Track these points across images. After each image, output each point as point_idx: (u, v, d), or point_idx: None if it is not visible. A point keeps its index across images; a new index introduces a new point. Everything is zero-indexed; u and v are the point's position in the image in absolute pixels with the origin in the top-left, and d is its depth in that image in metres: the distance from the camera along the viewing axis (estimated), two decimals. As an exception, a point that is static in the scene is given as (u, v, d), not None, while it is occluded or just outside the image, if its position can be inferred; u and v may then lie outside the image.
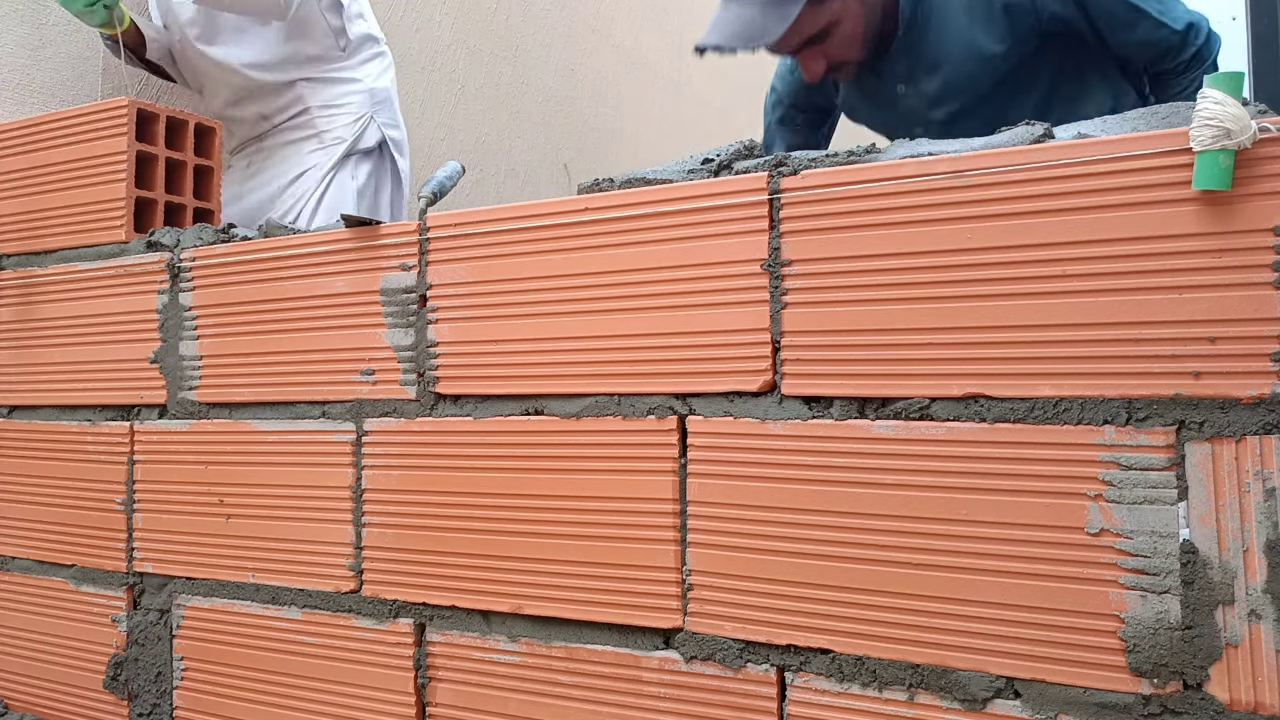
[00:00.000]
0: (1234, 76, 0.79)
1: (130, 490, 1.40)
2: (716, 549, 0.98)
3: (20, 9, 1.89)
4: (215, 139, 1.63)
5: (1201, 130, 0.79)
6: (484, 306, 1.13)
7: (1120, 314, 0.82)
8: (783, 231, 0.97)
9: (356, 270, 1.22)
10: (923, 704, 0.88)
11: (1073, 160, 0.85)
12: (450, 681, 1.13)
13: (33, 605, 1.50)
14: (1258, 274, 0.78)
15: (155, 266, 1.41)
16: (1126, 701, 0.81)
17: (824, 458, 0.93)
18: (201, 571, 1.33)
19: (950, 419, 0.89)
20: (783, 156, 0.99)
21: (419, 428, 1.16)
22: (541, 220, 1.10)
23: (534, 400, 1.10)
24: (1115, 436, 0.82)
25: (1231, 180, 0.78)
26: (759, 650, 0.96)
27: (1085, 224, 0.84)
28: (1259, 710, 0.77)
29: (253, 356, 1.30)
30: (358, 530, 1.20)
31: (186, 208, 1.57)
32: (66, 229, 1.52)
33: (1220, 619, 0.78)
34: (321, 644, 1.22)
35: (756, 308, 0.98)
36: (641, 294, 1.04)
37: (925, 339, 0.90)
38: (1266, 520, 0.77)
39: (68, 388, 1.48)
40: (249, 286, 1.31)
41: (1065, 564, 0.83)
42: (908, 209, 0.91)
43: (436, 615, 1.15)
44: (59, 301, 1.51)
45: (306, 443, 1.25)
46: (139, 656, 1.38)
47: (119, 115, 1.49)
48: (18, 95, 1.90)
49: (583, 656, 1.05)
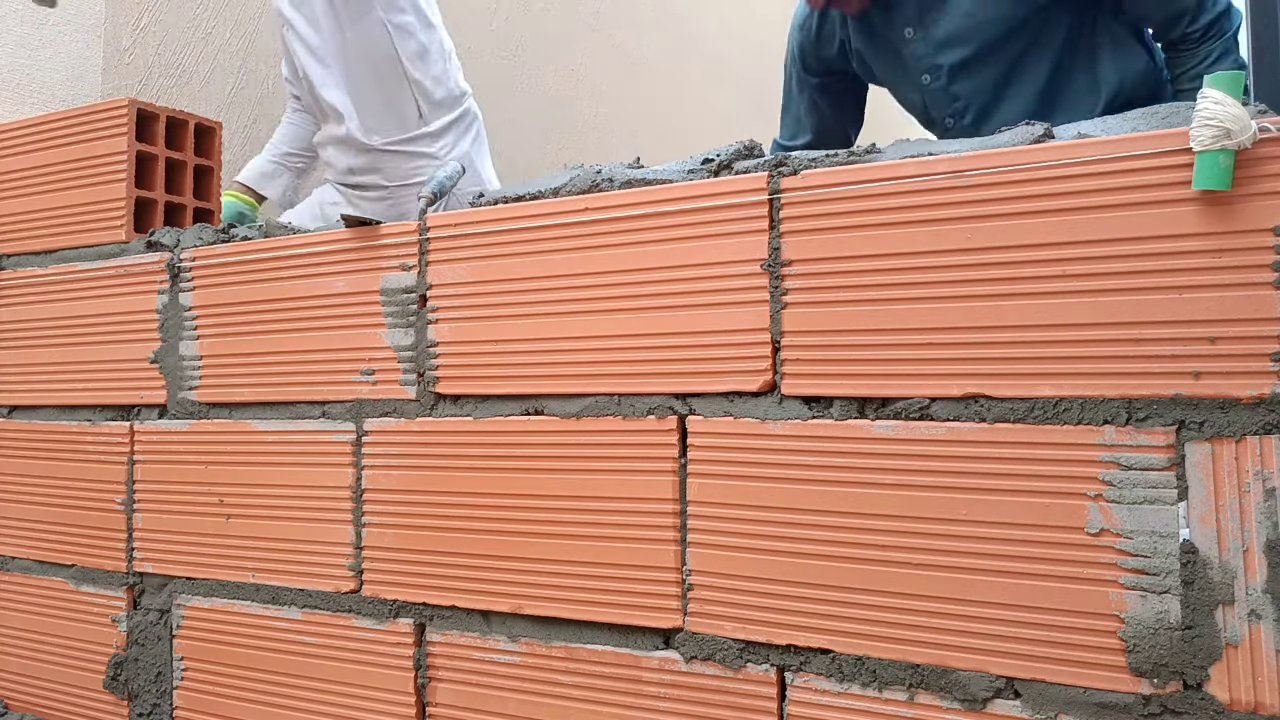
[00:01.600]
0: (1234, 76, 0.79)
1: (130, 490, 1.40)
2: (716, 549, 0.98)
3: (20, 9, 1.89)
4: (215, 139, 1.63)
5: (1201, 130, 0.79)
6: (484, 306, 1.13)
7: (1120, 314, 0.82)
8: (783, 231, 0.97)
9: (356, 270, 1.22)
10: (923, 704, 0.88)
11: (1072, 160, 0.85)
12: (450, 681, 1.13)
13: (33, 605, 1.50)
14: (1258, 274, 0.78)
15: (155, 266, 1.40)
16: (1126, 701, 0.81)
17: (824, 458, 0.93)
18: (201, 571, 1.33)
19: (950, 419, 0.89)
20: (783, 156, 0.99)
21: (419, 428, 1.16)
22: (541, 220, 1.10)
23: (534, 400, 1.10)
24: (1115, 436, 0.82)
25: (1231, 180, 0.78)
26: (759, 650, 0.96)
27: (1085, 224, 0.84)
28: (1259, 710, 0.77)
29: (253, 356, 1.30)
30: (358, 530, 1.20)
31: (186, 208, 1.57)
32: (66, 229, 1.52)
33: (1220, 619, 0.78)
34: (321, 644, 1.22)
35: (756, 308, 0.98)
36: (641, 294, 1.04)
37: (925, 339, 0.90)
38: (1266, 520, 0.77)
39: (68, 388, 1.48)
40: (249, 286, 1.31)
41: (1065, 564, 0.83)
42: (908, 209, 0.91)
43: (436, 615, 1.15)
44: (59, 301, 1.51)
45: (306, 443, 1.25)
46: (139, 656, 1.38)
47: (119, 115, 1.49)
48: (18, 95, 1.90)
49: (583, 656, 1.05)
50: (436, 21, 2.00)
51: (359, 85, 1.90)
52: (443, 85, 1.98)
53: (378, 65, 1.89)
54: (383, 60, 1.89)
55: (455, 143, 2.01)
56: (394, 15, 1.88)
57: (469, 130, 2.06)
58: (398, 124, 1.94)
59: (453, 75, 2.02)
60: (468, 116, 2.06)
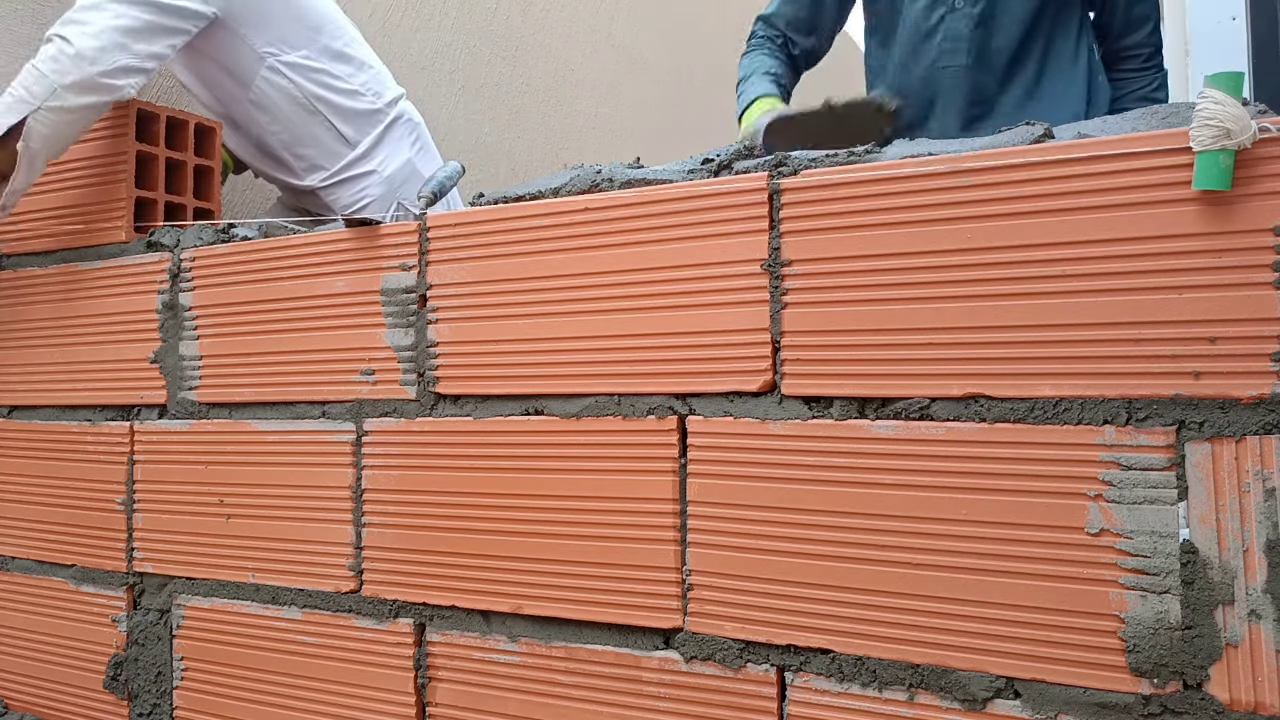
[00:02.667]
0: (1234, 76, 0.79)
1: (130, 490, 1.40)
2: (716, 549, 0.98)
3: (20, 9, 1.89)
4: (215, 139, 1.63)
5: (1201, 130, 0.79)
6: (484, 306, 1.13)
7: (1120, 314, 0.82)
8: (783, 231, 0.97)
9: (356, 270, 1.22)
10: (923, 704, 0.88)
11: (1072, 160, 0.85)
12: (450, 681, 1.13)
13: (33, 605, 1.50)
14: (1258, 274, 0.78)
15: (155, 266, 1.41)
16: (1126, 701, 0.81)
17: (824, 458, 0.93)
18: (201, 571, 1.33)
19: (950, 419, 0.89)
20: (782, 156, 0.99)
21: (419, 428, 1.16)
22: (541, 220, 1.10)
23: (534, 400, 1.10)
24: (1115, 436, 0.82)
25: (1231, 180, 0.78)
26: (759, 650, 0.96)
27: (1085, 224, 0.84)
28: (1259, 710, 0.77)
29: (253, 356, 1.30)
30: (358, 530, 1.20)
31: (186, 208, 1.57)
32: (66, 229, 1.52)
33: (1220, 619, 0.78)
34: (321, 644, 1.22)
35: (756, 308, 0.98)
36: (641, 294, 1.04)
37: (925, 339, 0.90)
38: (1266, 520, 0.77)
39: (68, 388, 1.48)
40: (249, 286, 1.31)
41: (1065, 564, 0.83)
42: (908, 209, 0.91)
43: (436, 615, 1.15)
44: (59, 301, 1.51)
45: (306, 443, 1.25)
46: (139, 656, 1.38)
47: (119, 115, 1.49)
48: (18, 95, 1.90)
49: (583, 656, 1.05)
50: (339, 46, 1.91)
51: (278, 135, 1.86)
52: (362, 99, 1.90)
53: (288, 111, 1.83)
54: (291, 105, 1.83)
55: (393, 154, 1.94)
56: (285, 55, 1.80)
57: (406, 137, 1.98)
58: (327, 158, 1.88)
59: (373, 87, 1.93)
60: (401, 123, 1.97)
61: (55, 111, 1.42)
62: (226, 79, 1.79)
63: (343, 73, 1.87)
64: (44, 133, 1.42)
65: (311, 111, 1.83)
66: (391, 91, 1.98)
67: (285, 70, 1.80)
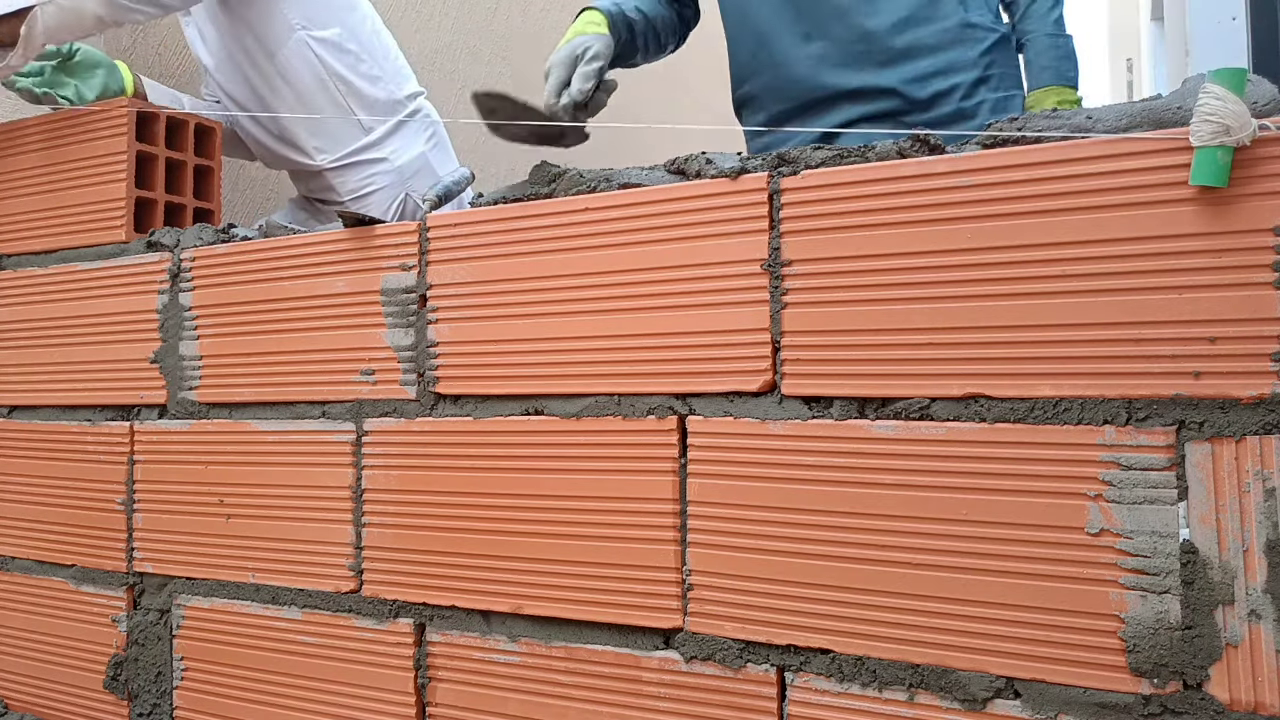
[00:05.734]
0: (1236, 73, 0.79)
1: (130, 490, 1.40)
2: (716, 549, 0.98)
3: (20, 9, 1.89)
4: (215, 139, 1.63)
5: (1201, 125, 0.78)
6: (484, 306, 1.13)
7: (1120, 314, 0.82)
8: (783, 231, 0.97)
9: (356, 270, 1.22)
10: (923, 704, 0.88)
11: (1072, 159, 0.85)
12: (450, 681, 1.13)
13: (33, 605, 1.50)
14: (1258, 274, 0.78)
15: (155, 266, 1.41)
16: (1126, 701, 0.81)
17: (824, 458, 0.93)
18: (201, 571, 1.33)
19: (950, 419, 0.89)
20: (783, 156, 0.99)
21: (419, 428, 1.16)
22: (541, 220, 1.10)
23: (534, 400, 1.10)
24: (1115, 436, 0.82)
25: (1228, 177, 0.78)
26: (759, 650, 0.96)
27: (1085, 224, 0.84)
28: (1259, 710, 0.77)
29: (253, 356, 1.30)
30: (358, 530, 1.20)
31: (186, 208, 1.57)
32: (66, 229, 1.52)
33: (1220, 619, 0.78)
34: (321, 644, 1.22)
35: (756, 308, 0.98)
36: (641, 294, 1.04)
37: (925, 339, 0.90)
38: (1266, 520, 0.77)
39: (68, 388, 1.48)
40: (249, 286, 1.31)
41: (1065, 564, 0.83)
42: (907, 209, 0.91)
43: (436, 615, 1.15)
44: (59, 301, 1.51)
45: (306, 443, 1.25)
46: (139, 656, 1.38)
47: (119, 115, 1.49)
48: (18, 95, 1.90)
49: (583, 656, 1.05)
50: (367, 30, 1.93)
51: (295, 110, 1.87)
52: (382, 87, 1.92)
53: (310, 86, 1.85)
54: (314, 80, 1.85)
55: (406, 146, 1.96)
56: (316, 31, 1.83)
57: (421, 132, 2.00)
58: (340, 139, 1.89)
59: (394, 77, 1.96)
60: (418, 117, 1.99)
61: (67, 12, 1.47)
62: (255, 44, 1.82)
63: (367, 57, 1.91)
64: (49, 24, 1.47)
65: (331, 90, 1.87)
66: (411, 86, 2.01)
67: (313, 45, 1.83)
